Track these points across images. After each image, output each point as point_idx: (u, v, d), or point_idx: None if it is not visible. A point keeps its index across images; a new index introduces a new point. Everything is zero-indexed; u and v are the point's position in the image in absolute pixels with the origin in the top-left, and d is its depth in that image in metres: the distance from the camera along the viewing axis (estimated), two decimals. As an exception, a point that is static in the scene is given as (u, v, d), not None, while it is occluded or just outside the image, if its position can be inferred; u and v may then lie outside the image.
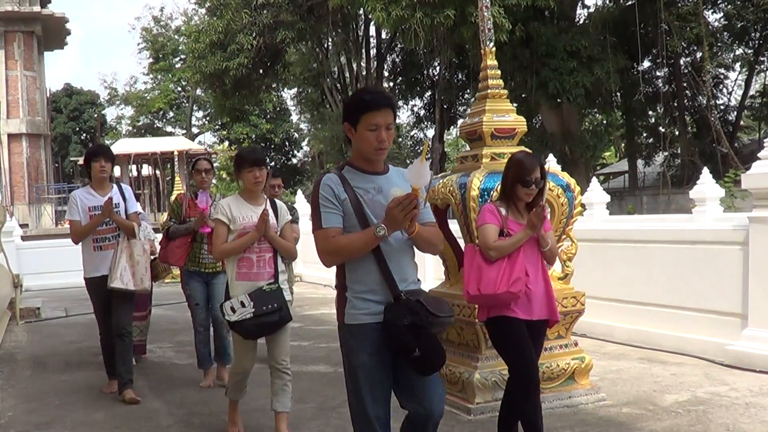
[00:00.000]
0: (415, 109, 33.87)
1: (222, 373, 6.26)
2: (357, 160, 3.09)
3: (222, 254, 4.55)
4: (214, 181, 6.66)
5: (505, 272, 3.85)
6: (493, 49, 5.54)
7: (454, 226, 5.72)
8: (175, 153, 24.64)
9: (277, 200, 4.85)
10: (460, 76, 27.98)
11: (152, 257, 6.32)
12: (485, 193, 5.04)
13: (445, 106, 29.04)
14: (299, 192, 17.32)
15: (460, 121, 27.83)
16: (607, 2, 24.19)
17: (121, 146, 34.53)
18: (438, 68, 27.64)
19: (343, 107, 3.16)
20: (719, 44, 25.30)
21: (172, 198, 6.43)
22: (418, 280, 3.19)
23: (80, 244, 5.96)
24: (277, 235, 4.57)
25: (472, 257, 3.98)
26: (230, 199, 4.65)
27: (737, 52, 27.50)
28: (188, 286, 6.23)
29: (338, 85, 28.75)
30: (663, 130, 27.00)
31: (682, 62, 24.94)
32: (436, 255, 4.40)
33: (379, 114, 2.95)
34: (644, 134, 29.10)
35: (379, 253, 2.97)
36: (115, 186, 6.02)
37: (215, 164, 44.87)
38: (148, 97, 48.74)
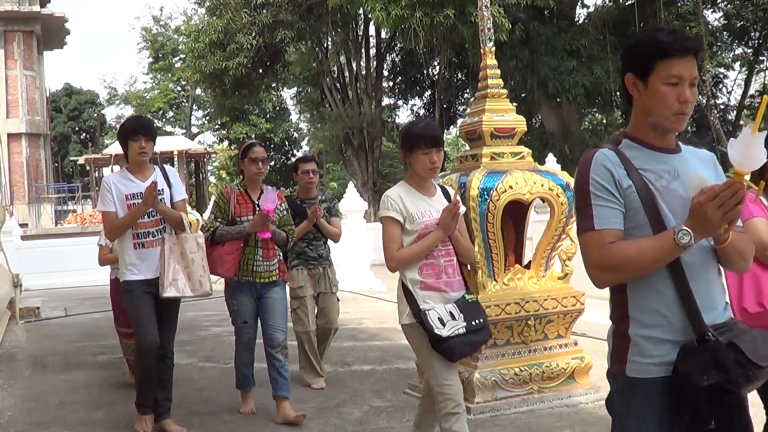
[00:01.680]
0: (415, 108, 33.85)
1: (287, 411, 5.04)
2: (641, 131, 2.19)
3: (400, 263, 3.52)
4: (213, 179, 6.38)
5: None
6: (493, 48, 5.55)
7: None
8: (175, 153, 24.67)
9: (447, 188, 3.84)
10: (459, 76, 27.98)
11: None
12: (485, 192, 5.05)
13: (444, 106, 29.03)
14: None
15: (459, 121, 27.83)
16: (607, 1, 24.20)
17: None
18: (438, 68, 27.62)
19: (629, 51, 2.21)
20: (719, 44, 25.31)
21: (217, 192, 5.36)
22: (727, 303, 2.26)
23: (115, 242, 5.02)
24: (459, 234, 3.67)
25: None
26: (399, 190, 3.62)
27: (737, 52, 27.52)
28: (235, 300, 5.13)
29: (338, 84, 28.72)
30: (662, 129, 27.00)
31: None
32: (742, 274, 2.96)
33: (683, 63, 2.09)
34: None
35: (679, 268, 2.09)
36: (156, 168, 4.90)
37: (214, 164, 45.17)
38: (148, 97, 48.69)
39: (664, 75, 2.10)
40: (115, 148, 34.23)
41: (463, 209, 3.68)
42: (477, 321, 3.49)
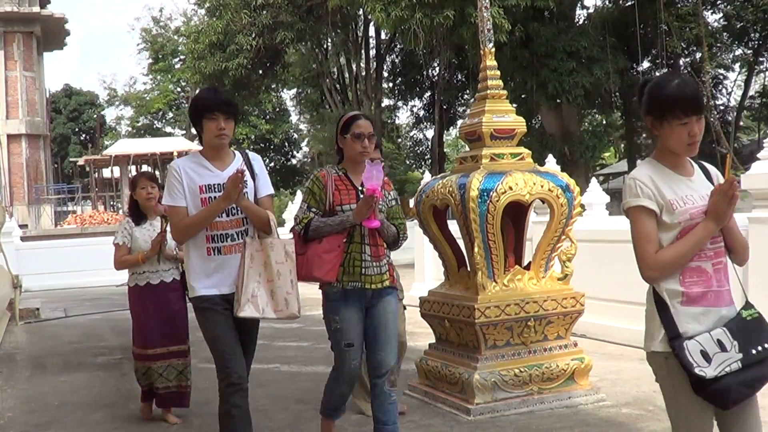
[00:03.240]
0: (415, 109, 33.90)
1: None
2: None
3: (664, 270, 2.66)
4: None
5: None
6: (493, 49, 5.55)
7: (453, 226, 5.72)
8: (175, 153, 24.66)
9: (705, 164, 2.88)
10: (459, 77, 27.98)
11: None
12: (485, 193, 5.05)
13: (444, 107, 29.05)
14: (299, 193, 17.30)
15: (459, 122, 27.87)
16: (607, 3, 24.21)
17: (120, 147, 34.58)
18: (437, 69, 27.64)
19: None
20: (718, 44, 25.32)
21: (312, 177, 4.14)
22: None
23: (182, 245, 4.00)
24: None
25: None
26: (648, 169, 2.67)
27: (736, 53, 27.52)
28: (338, 315, 3.90)
29: (338, 85, 28.74)
30: (663, 130, 26.99)
31: (681, 62, 24.94)
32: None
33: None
34: (644, 135, 29.08)
35: None
36: (237, 154, 3.90)
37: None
38: (148, 98, 48.74)
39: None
40: (114, 149, 34.33)
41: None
42: (759, 348, 2.50)
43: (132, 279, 5.24)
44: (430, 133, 33.24)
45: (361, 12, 24.30)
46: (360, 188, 3.87)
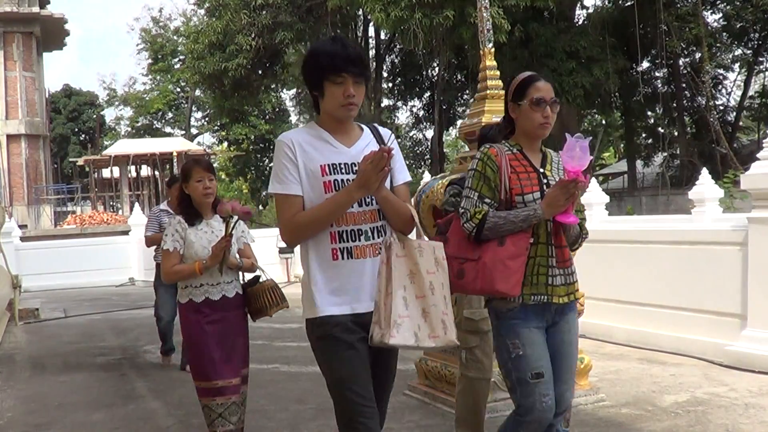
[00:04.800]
0: (414, 109, 33.91)
1: None
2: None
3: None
4: None
5: None
6: (492, 49, 5.55)
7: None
8: (174, 154, 24.63)
9: None
10: (459, 77, 27.99)
11: (254, 275, 4.23)
12: (484, 193, 5.03)
13: (444, 107, 29.05)
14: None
15: (459, 122, 27.83)
16: (606, 3, 24.22)
17: (119, 147, 34.54)
18: (437, 69, 27.64)
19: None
20: (718, 45, 25.34)
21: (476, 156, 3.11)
22: None
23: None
24: None
25: None
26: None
27: (736, 53, 27.56)
28: (518, 339, 2.94)
29: (337, 85, 28.73)
30: (662, 130, 27.06)
31: (681, 63, 24.98)
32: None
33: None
34: (643, 135, 29.15)
35: None
36: (365, 128, 2.93)
37: (214, 165, 44.94)
38: (147, 98, 48.71)
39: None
40: (114, 149, 34.32)
41: None
42: None
43: (184, 294, 4.12)
44: (429, 133, 33.26)
45: (360, 12, 24.31)
46: (542, 171, 3.04)
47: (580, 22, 23.37)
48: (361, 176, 2.61)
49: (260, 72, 27.11)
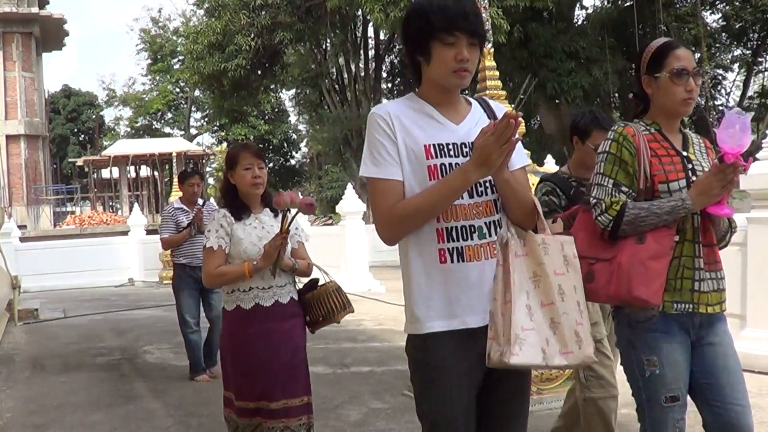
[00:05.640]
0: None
1: None
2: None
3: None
4: (211, 181, 4.75)
5: None
6: (492, 50, 5.55)
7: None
8: (174, 154, 24.63)
9: None
10: (458, 77, 27.99)
11: (312, 278, 3.69)
12: (484, 194, 5.04)
13: (443, 107, 29.02)
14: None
15: (458, 122, 27.76)
16: (606, 3, 24.25)
17: (119, 147, 34.57)
18: (436, 69, 27.64)
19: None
20: (717, 45, 25.39)
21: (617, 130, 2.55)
22: None
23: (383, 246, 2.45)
24: None
25: None
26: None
27: (735, 53, 27.61)
28: (656, 355, 2.48)
29: (336, 86, 28.74)
30: (661, 130, 27.06)
31: (680, 63, 24.99)
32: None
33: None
34: (643, 135, 29.15)
35: None
36: (473, 102, 2.39)
37: (213, 165, 45.17)
38: (147, 99, 48.73)
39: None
40: (113, 149, 34.33)
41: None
42: None
43: (231, 299, 3.54)
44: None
45: (360, 12, 24.31)
46: (684, 154, 2.55)
47: (579, 23, 23.41)
48: (481, 151, 2.05)
49: (259, 72, 27.12)
